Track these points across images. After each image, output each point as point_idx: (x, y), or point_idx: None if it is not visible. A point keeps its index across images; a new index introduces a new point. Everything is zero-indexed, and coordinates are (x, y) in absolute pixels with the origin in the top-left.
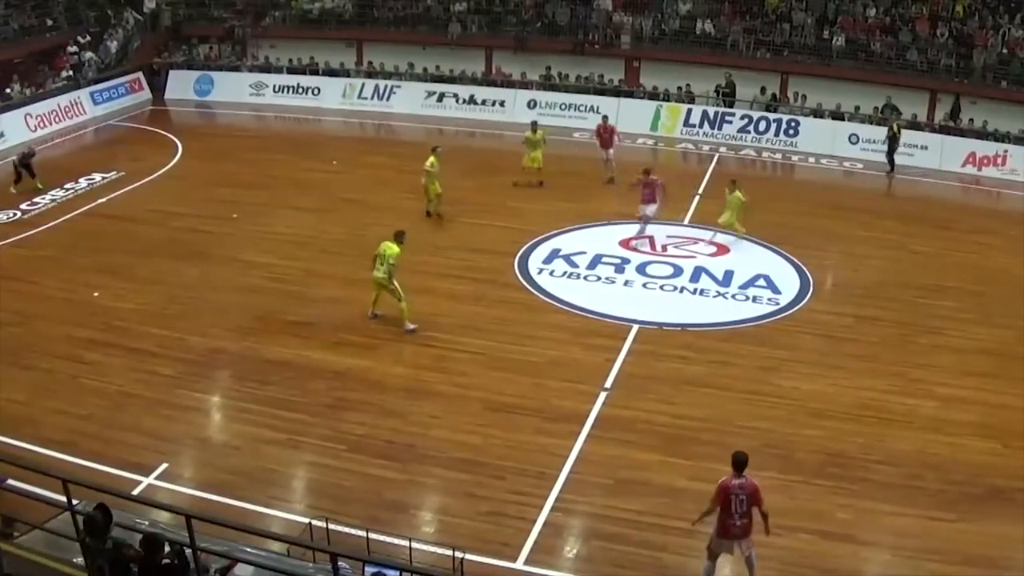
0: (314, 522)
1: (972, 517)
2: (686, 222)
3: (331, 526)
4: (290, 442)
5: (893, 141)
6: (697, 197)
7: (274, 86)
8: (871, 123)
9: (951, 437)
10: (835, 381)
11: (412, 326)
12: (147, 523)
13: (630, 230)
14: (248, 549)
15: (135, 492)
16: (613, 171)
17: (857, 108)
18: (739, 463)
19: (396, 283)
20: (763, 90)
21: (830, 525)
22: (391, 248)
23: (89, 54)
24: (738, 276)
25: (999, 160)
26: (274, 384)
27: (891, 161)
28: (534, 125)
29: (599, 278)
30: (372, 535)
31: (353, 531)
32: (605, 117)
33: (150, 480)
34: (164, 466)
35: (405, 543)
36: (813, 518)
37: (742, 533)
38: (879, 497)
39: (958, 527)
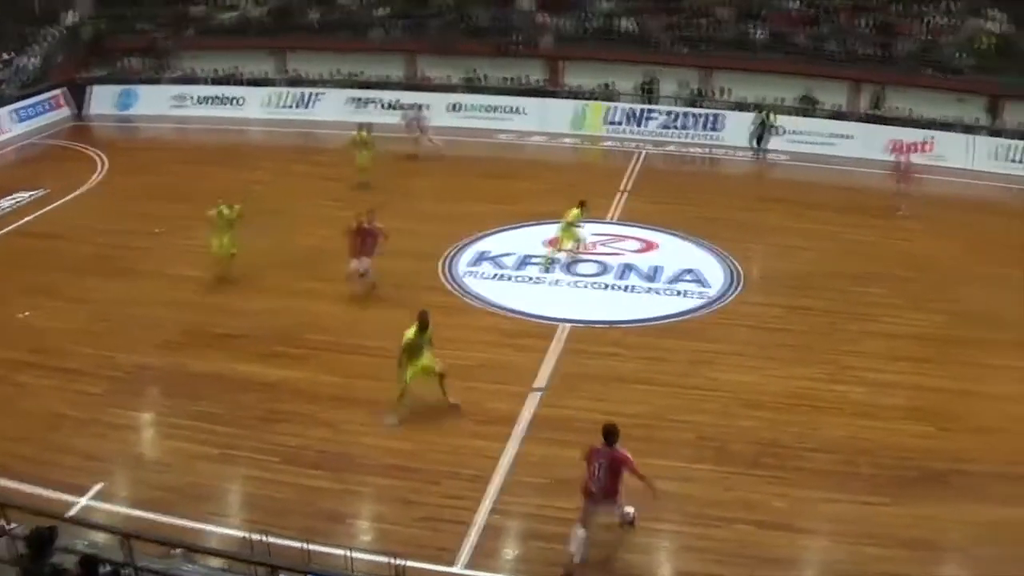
0: (252, 536)
1: (907, 500)
2: (612, 220)
3: (269, 539)
4: (223, 456)
5: (763, 127)
6: (622, 195)
7: (197, 97)
8: (794, 115)
9: (884, 422)
10: (767, 372)
11: (393, 420)
12: (85, 544)
13: (557, 230)
14: (187, 566)
15: (71, 513)
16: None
17: (781, 100)
18: (607, 434)
19: (408, 372)
20: (686, 85)
21: (767, 514)
22: (406, 334)
23: (11, 68)
24: (666, 271)
25: (924, 146)
26: (204, 398)
27: (756, 144)
28: (363, 127)
29: (527, 278)
30: (310, 546)
31: (291, 543)
32: (419, 107)
33: (85, 500)
34: (99, 486)
35: (344, 553)
36: (749, 508)
37: (601, 498)
38: (814, 485)
39: (894, 511)
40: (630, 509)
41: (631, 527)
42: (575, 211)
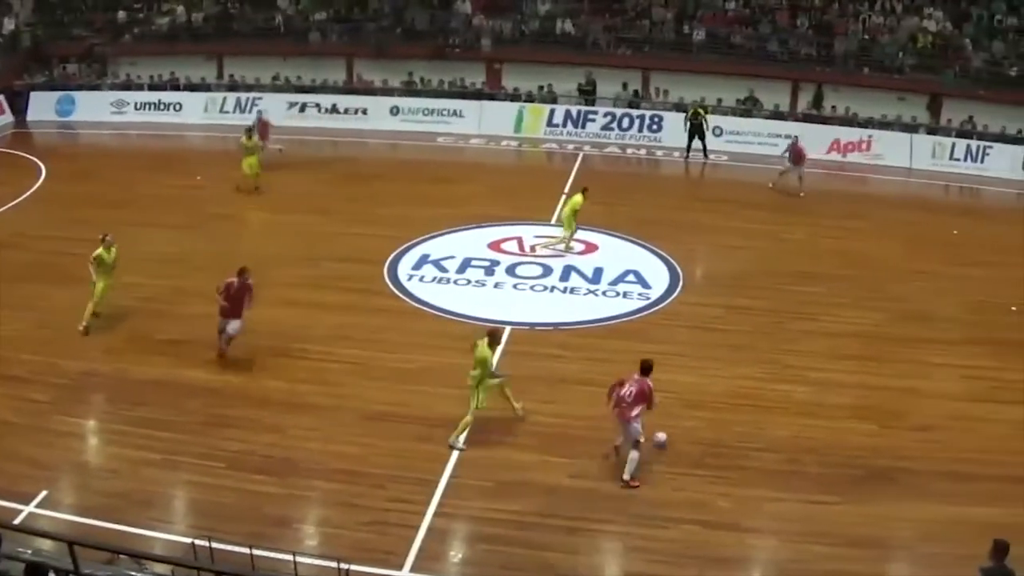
0: (197, 541)
1: (854, 498)
2: (553, 222)
3: (214, 544)
4: (167, 462)
5: (693, 127)
6: (563, 197)
7: (136, 103)
8: (734, 115)
9: (828, 421)
10: (709, 372)
11: (460, 445)
12: (30, 552)
13: (498, 232)
14: (132, 573)
15: (16, 521)
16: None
17: (720, 101)
18: (646, 367)
19: (481, 393)
20: (625, 86)
21: (712, 514)
22: (481, 351)
23: None
24: (608, 273)
25: (863, 145)
26: (149, 404)
27: (691, 145)
28: (248, 131)
29: (469, 281)
30: (256, 551)
31: (237, 548)
32: (260, 111)
33: (31, 508)
34: (44, 493)
35: (289, 558)
36: (695, 508)
37: (622, 415)
38: (760, 484)
39: (840, 509)
40: (663, 436)
41: (662, 449)
42: (578, 198)
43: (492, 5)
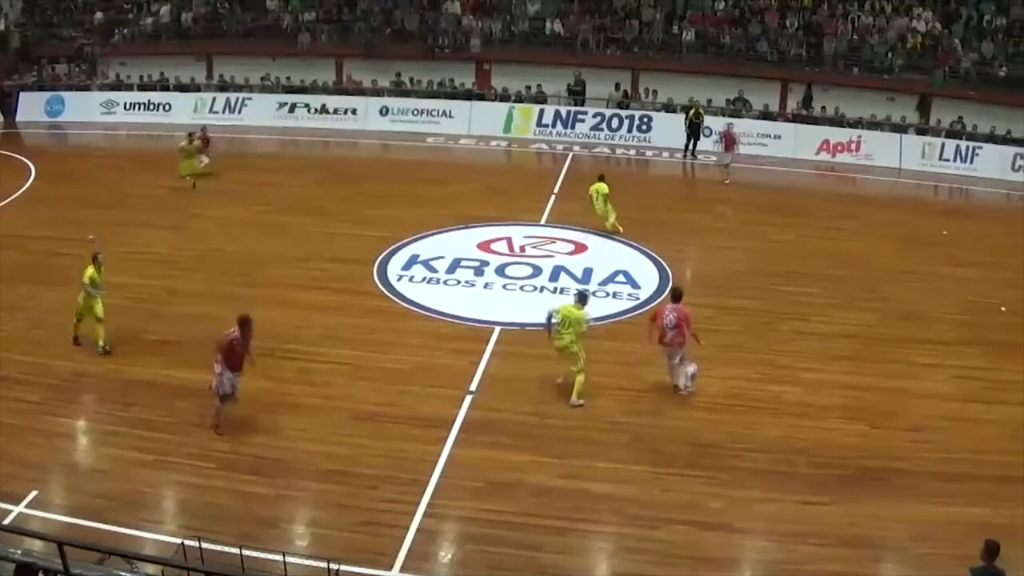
0: (187, 542)
1: (844, 499)
2: (543, 222)
3: (204, 545)
4: (158, 463)
5: (696, 128)
6: (553, 197)
7: (125, 104)
8: (724, 115)
9: (819, 421)
10: (701, 372)
11: (579, 401)
12: (20, 552)
13: (488, 233)
14: (122, 573)
15: (6, 521)
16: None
17: (709, 101)
18: (676, 294)
19: (582, 353)
20: (617, 86)
21: (703, 515)
22: (574, 312)
23: None
24: (597, 273)
25: (853, 146)
26: (139, 405)
27: (693, 146)
28: (190, 135)
29: (459, 282)
30: (246, 552)
31: (226, 549)
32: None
33: (20, 508)
34: (34, 494)
35: (279, 558)
36: (686, 509)
37: (671, 343)
38: (751, 484)
39: (831, 509)
40: (695, 367)
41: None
42: (602, 185)
43: (481, 5)
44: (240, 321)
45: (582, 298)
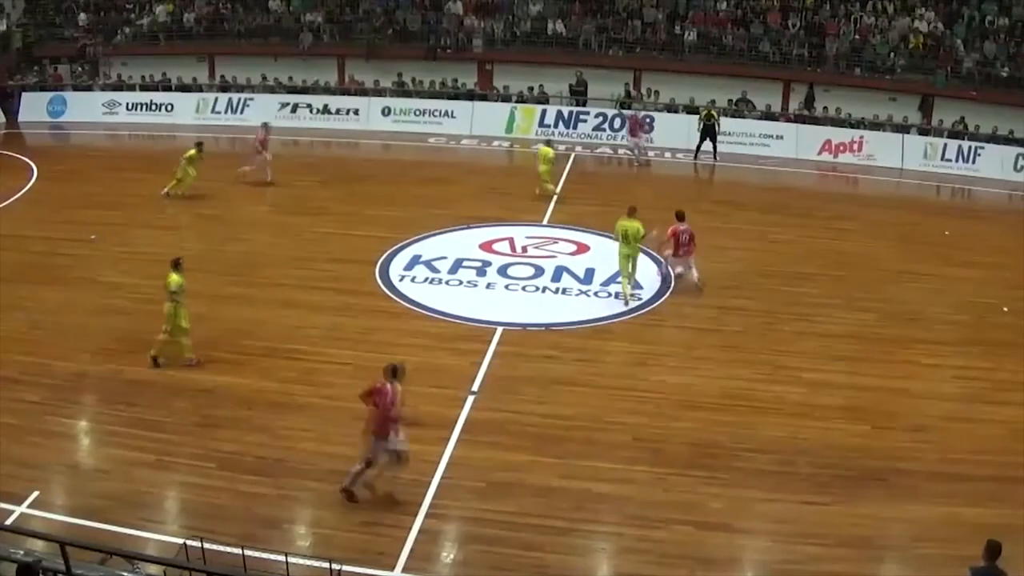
0: (189, 542)
1: (846, 499)
2: (545, 223)
3: (206, 545)
4: (159, 463)
5: (710, 130)
6: (555, 197)
7: (127, 104)
8: (726, 116)
9: (820, 421)
10: (702, 372)
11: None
12: (22, 552)
13: (490, 233)
14: (124, 574)
15: (8, 522)
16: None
17: (712, 102)
18: (681, 215)
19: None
20: (626, 87)
21: (704, 515)
22: (631, 225)
23: None
24: (599, 273)
25: (855, 146)
26: (140, 405)
27: (711, 146)
28: (199, 145)
29: (461, 282)
30: (248, 552)
31: (228, 549)
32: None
33: (22, 509)
34: (36, 494)
35: (281, 558)
36: (687, 509)
37: (685, 254)
38: (752, 485)
39: (833, 510)
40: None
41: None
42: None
43: (483, 6)
44: (390, 371)
45: (633, 210)
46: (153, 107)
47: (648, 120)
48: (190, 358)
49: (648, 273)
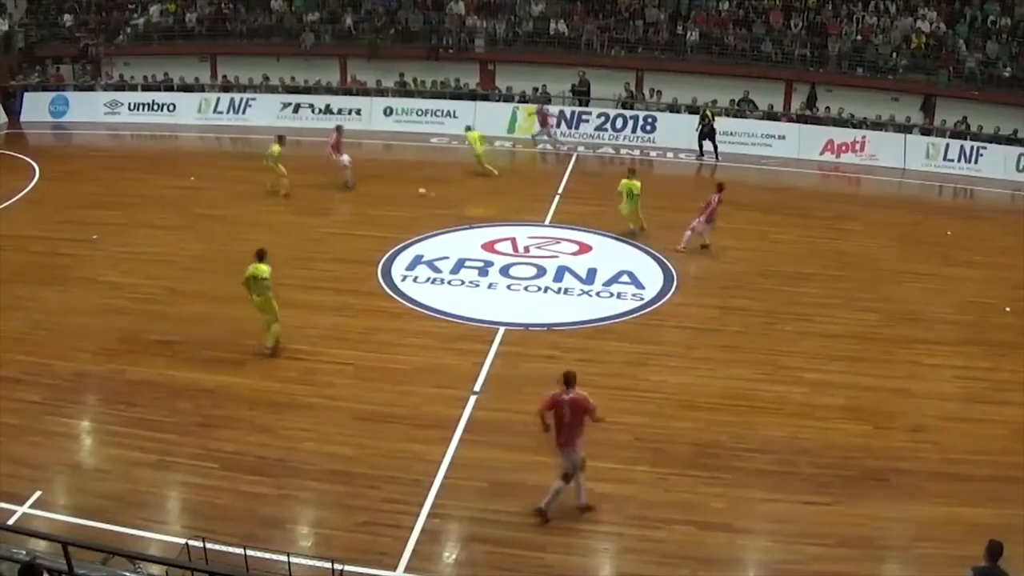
0: (191, 542)
1: (847, 499)
2: (547, 223)
3: (208, 545)
4: (161, 463)
5: (709, 129)
6: (557, 197)
7: (129, 104)
8: (728, 116)
9: (822, 421)
10: (703, 372)
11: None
12: (24, 552)
13: (492, 233)
14: (126, 573)
15: (10, 522)
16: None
17: (714, 102)
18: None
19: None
20: (627, 87)
21: (705, 515)
22: (634, 184)
23: None
24: (601, 273)
25: (857, 146)
26: (141, 405)
27: (711, 146)
28: (279, 139)
29: (463, 282)
30: (250, 552)
31: (230, 549)
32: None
33: (24, 509)
34: (37, 494)
35: (283, 559)
36: (688, 509)
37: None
38: (753, 485)
39: (834, 510)
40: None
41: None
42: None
43: (485, 6)
44: (564, 380)
45: (633, 170)
46: (155, 107)
47: (558, 112)
48: (273, 346)
49: (649, 271)
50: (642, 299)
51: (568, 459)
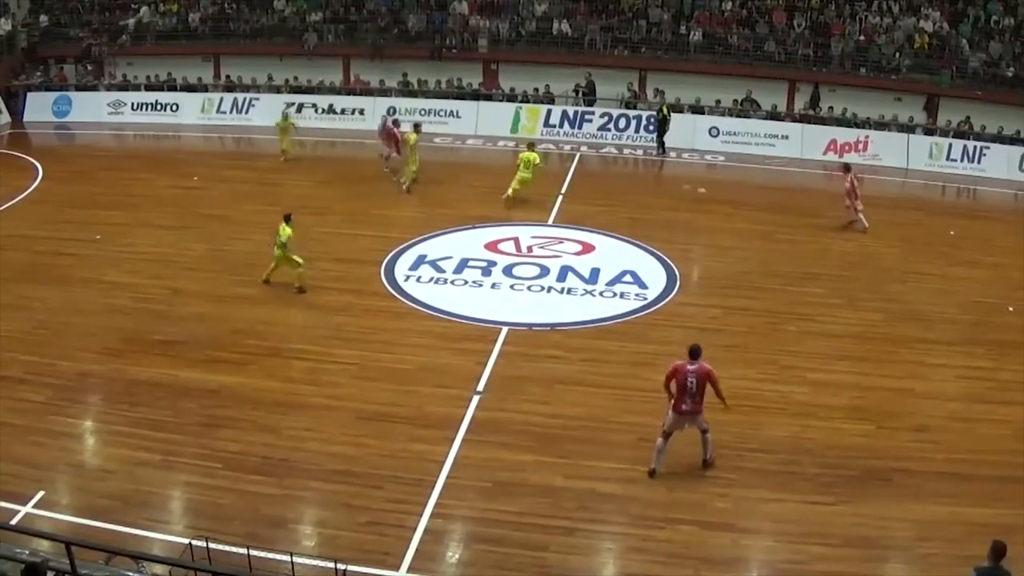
0: (194, 542)
1: (850, 499)
2: (550, 222)
3: (211, 545)
4: (164, 463)
5: (663, 123)
6: (560, 197)
7: (132, 104)
8: (731, 115)
9: (825, 421)
10: None
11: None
12: (27, 552)
13: (496, 233)
14: (129, 573)
15: (13, 521)
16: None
17: (718, 102)
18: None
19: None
20: (629, 87)
21: (710, 515)
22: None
23: None
24: (604, 273)
25: (860, 146)
26: (145, 405)
27: (661, 143)
28: (416, 127)
29: (466, 282)
30: (253, 552)
31: (234, 549)
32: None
33: (28, 509)
34: (41, 494)
35: (286, 558)
36: (692, 509)
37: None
38: (757, 484)
39: (837, 509)
40: None
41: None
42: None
43: (488, 6)
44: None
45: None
46: (158, 107)
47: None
48: (300, 286)
49: (652, 271)
50: (645, 299)
51: (697, 423)
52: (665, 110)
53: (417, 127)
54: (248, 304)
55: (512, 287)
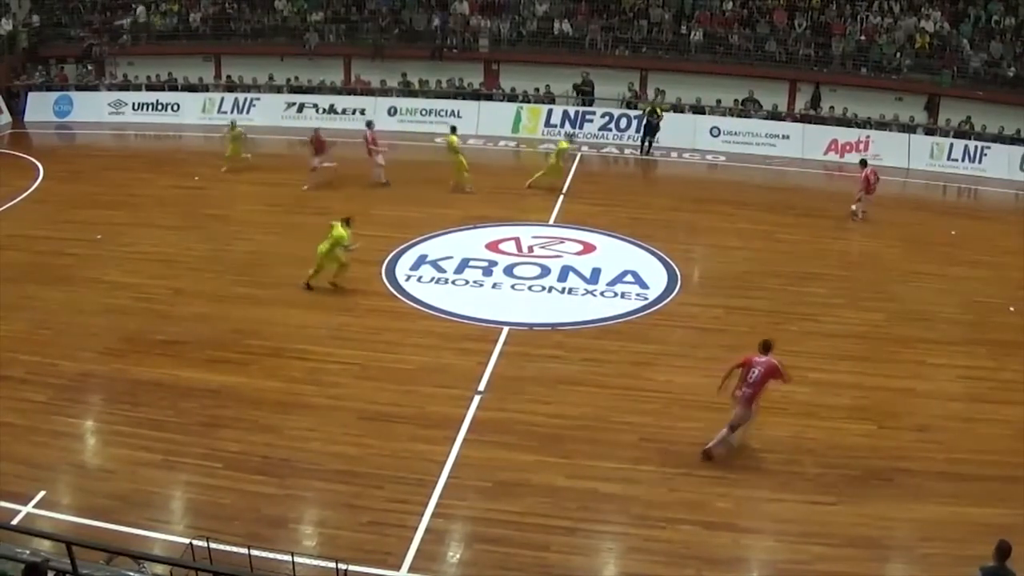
0: (195, 542)
1: (851, 499)
2: (551, 222)
3: (212, 545)
4: (165, 463)
5: (651, 124)
6: (561, 197)
7: (133, 104)
8: (732, 115)
9: (826, 421)
10: (708, 372)
11: None
12: (28, 552)
13: (497, 233)
14: (130, 573)
15: (14, 521)
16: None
17: (719, 101)
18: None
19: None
20: (631, 88)
21: (711, 515)
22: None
23: None
24: (606, 273)
25: (861, 146)
26: (146, 405)
27: (648, 144)
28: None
29: (467, 282)
30: (254, 552)
31: (235, 549)
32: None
33: (28, 509)
34: (42, 494)
35: (288, 558)
36: (693, 509)
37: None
38: (758, 484)
39: (838, 509)
40: None
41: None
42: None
43: (489, 6)
44: (764, 347)
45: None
46: (159, 107)
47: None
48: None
49: (653, 271)
50: (646, 299)
51: (744, 410)
52: (658, 111)
53: (454, 129)
54: (249, 304)
55: (513, 287)
